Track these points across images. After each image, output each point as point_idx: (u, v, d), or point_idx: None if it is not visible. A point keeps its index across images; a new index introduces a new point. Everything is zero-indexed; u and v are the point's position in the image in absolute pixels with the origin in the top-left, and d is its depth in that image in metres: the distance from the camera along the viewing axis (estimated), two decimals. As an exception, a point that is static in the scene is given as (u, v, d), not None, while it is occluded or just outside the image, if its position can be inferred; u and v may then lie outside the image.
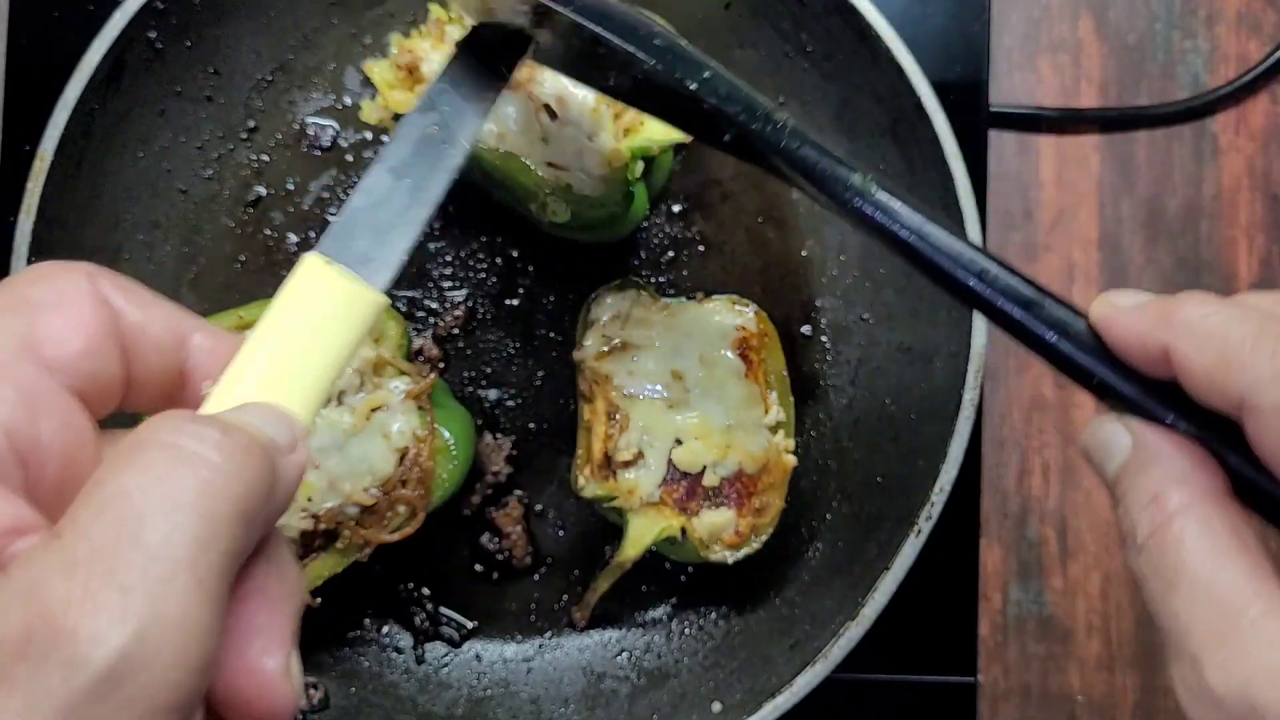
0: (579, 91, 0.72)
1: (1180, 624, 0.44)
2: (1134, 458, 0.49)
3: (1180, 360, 0.47)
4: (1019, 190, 0.89)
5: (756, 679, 0.74)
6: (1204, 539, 0.45)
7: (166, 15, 0.77)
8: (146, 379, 0.46)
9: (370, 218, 0.52)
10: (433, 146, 0.55)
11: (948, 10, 0.85)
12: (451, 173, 0.55)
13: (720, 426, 0.72)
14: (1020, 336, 0.54)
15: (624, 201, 0.72)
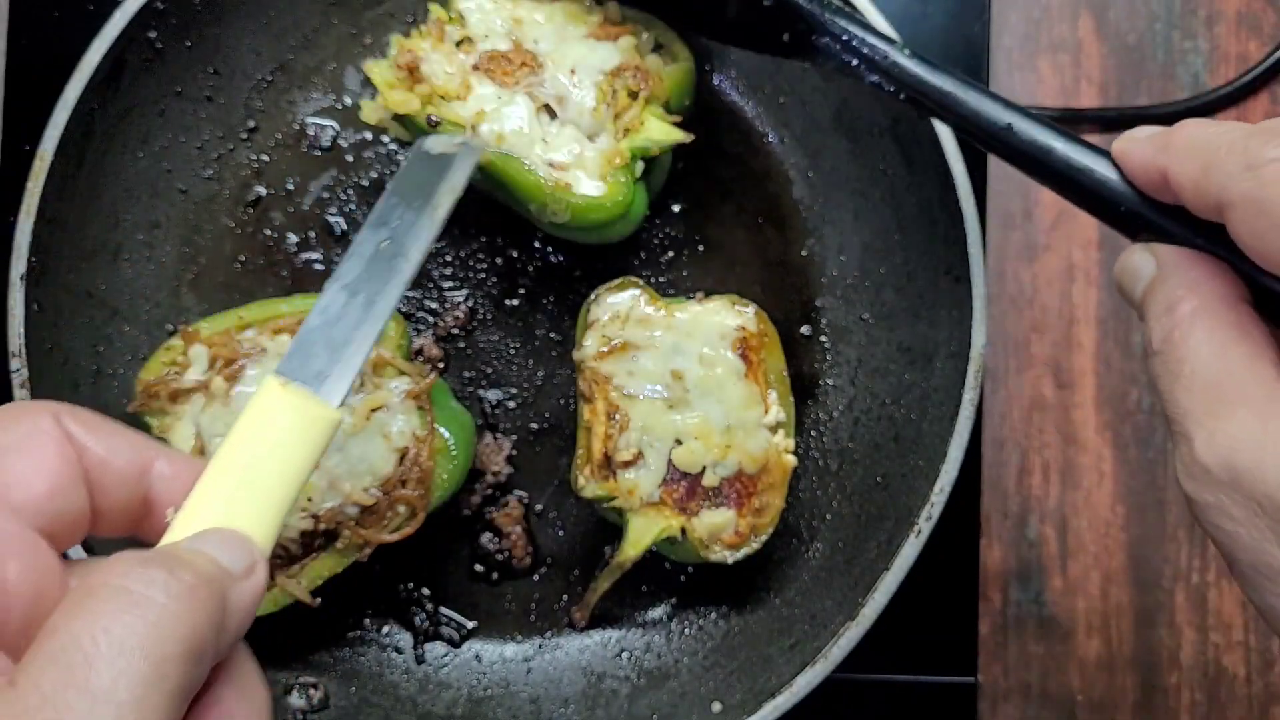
0: (579, 91, 0.72)
1: (1181, 408, 0.48)
2: (1157, 276, 0.53)
3: (1174, 178, 0.52)
4: (1019, 190, 0.89)
5: (756, 679, 0.74)
6: (1209, 333, 0.50)
7: (166, 15, 0.77)
8: (111, 509, 0.48)
9: (326, 335, 0.55)
10: (384, 262, 0.58)
11: (948, 10, 0.85)
12: (403, 285, 0.58)
13: (720, 426, 0.72)
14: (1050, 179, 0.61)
15: (624, 202, 0.72)
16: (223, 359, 0.70)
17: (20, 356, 0.72)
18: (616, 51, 0.73)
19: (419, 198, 0.61)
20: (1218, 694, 0.85)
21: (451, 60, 0.73)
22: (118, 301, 0.79)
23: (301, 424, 0.52)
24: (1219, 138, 0.50)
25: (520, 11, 0.73)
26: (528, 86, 0.72)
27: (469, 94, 0.72)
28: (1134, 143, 0.56)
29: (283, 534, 0.68)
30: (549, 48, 0.73)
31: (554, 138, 0.72)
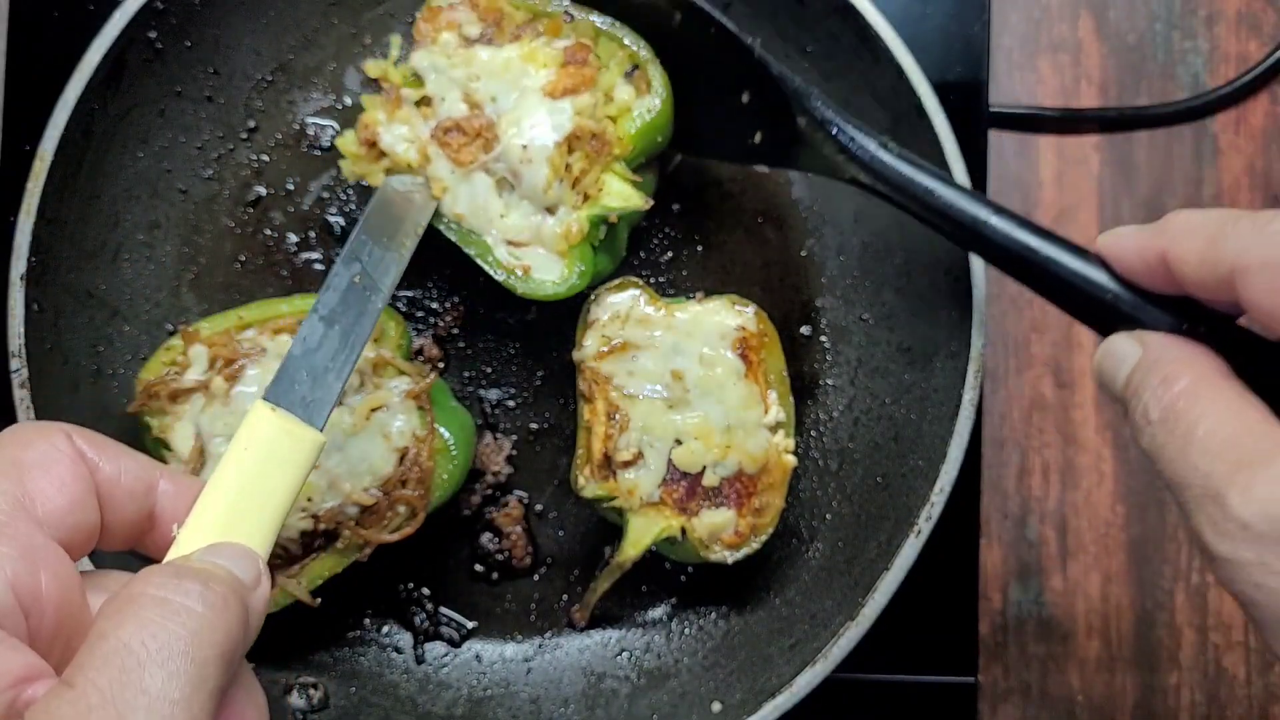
0: (532, 168, 0.70)
1: (1200, 472, 0.48)
2: (1143, 359, 0.55)
3: (1175, 254, 0.54)
4: (1019, 190, 0.89)
5: (756, 679, 0.74)
6: (1216, 398, 0.51)
7: (166, 15, 0.77)
8: (120, 523, 0.53)
9: (308, 363, 0.60)
10: (358, 294, 0.63)
11: (948, 10, 0.85)
12: (376, 316, 0.64)
13: (720, 426, 0.72)
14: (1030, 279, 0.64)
15: (580, 284, 0.71)
16: (223, 359, 0.70)
17: (20, 356, 0.72)
18: (571, 115, 0.70)
19: (386, 235, 0.67)
20: (1218, 694, 0.85)
21: (412, 125, 0.72)
22: (118, 301, 0.79)
23: (290, 445, 0.57)
24: (1221, 215, 0.53)
25: (475, 68, 0.72)
26: (483, 164, 0.71)
27: (428, 165, 0.72)
28: (1122, 234, 0.58)
29: (283, 534, 0.68)
30: (506, 105, 0.71)
31: (512, 211, 0.72)
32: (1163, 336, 0.56)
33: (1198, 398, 0.51)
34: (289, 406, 0.58)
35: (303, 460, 0.57)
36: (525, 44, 0.72)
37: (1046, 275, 0.62)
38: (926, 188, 0.67)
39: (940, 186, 0.67)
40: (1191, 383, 0.52)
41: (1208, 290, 0.54)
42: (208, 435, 0.68)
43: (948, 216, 0.66)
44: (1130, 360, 0.56)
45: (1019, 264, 0.64)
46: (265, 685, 0.75)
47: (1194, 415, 0.50)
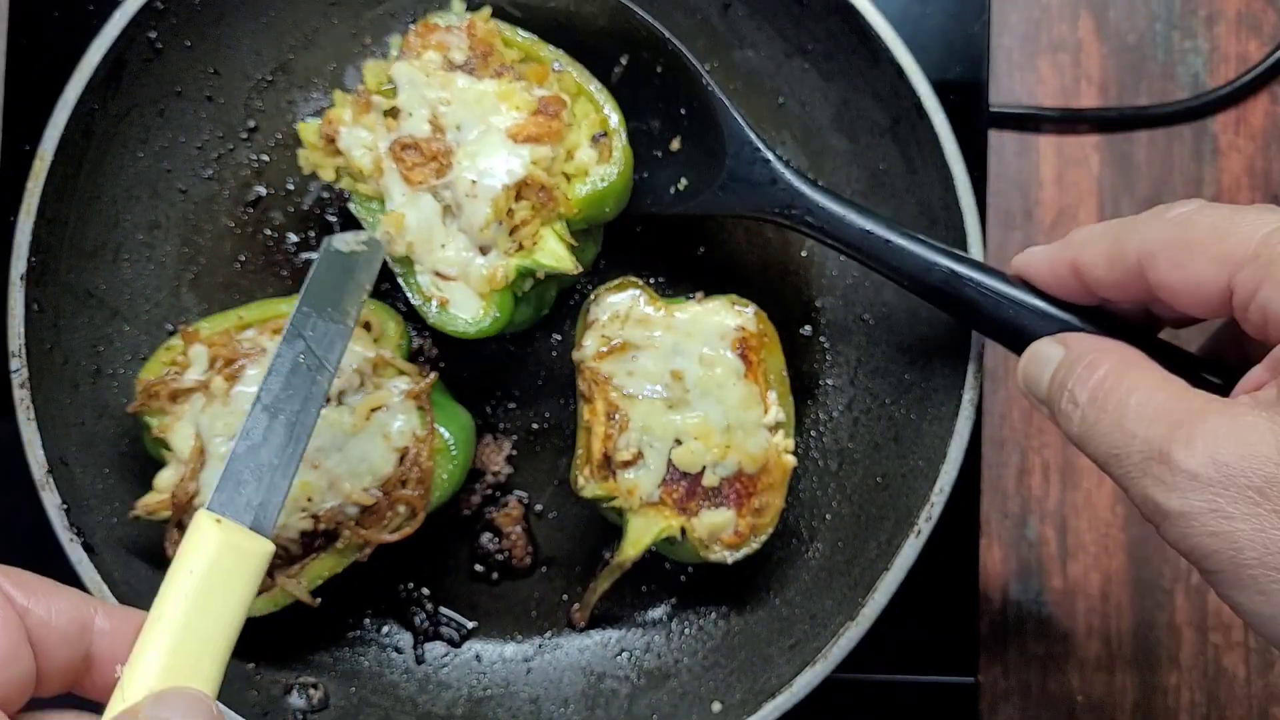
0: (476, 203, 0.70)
1: (1139, 437, 0.51)
2: (1066, 356, 0.59)
3: (1084, 260, 0.59)
4: (1019, 190, 0.89)
5: (756, 679, 0.74)
6: (1141, 374, 0.54)
7: (166, 15, 0.77)
8: (55, 670, 0.50)
9: (253, 462, 0.56)
10: (303, 377, 0.59)
11: (948, 10, 0.85)
12: (322, 398, 0.59)
13: (720, 426, 0.72)
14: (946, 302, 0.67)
15: (491, 329, 0.71)
16: (223, 359, 0.70)
17: (20, 356, 0.72)
18: (527, 163, 0.70)
19: (329, 305, 0.62)
20: (1218, 694, 0.85)
21: (373, 131, 0.72)
22: (118, 301, 0.79)
23: (238, 560, 0.53)
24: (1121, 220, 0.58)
25: (454, 88, 0.72)
26: (431, 188, 0.71)
27: (381, 177, 0.71)
28: (1033, 253, 0.63)
29: (283, 534, 0.68)
30: (469, 137, 0.71)
31: (448, 242, 0.71)
32: (1083, 335, 0.60)
33: (1124, 375, 0.54)
34: (235, 515, 0.54)
35: (252, 574, 0.54)
36: (505, 82, 0.72)
37: (967, 299, 0.66)
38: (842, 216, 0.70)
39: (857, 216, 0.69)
40: (1116, 365, 0.55)
41: (1120, 289, 0.58)
42: (208, 435, 0.68)
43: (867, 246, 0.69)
44: (1054, 360, 0.59)
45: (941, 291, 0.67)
46: (265, 685, 0.75)
47: (1123, 389, 0.53)
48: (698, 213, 0.74)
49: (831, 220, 0.70)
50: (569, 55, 0.75)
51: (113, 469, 0.76)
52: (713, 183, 0.73)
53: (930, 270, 0.67)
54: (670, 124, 0.75)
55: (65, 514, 0.72)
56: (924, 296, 0.68)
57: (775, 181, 0.71)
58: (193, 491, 0.68)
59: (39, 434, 0.72)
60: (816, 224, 0.70)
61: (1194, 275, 0.53)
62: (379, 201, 0.72)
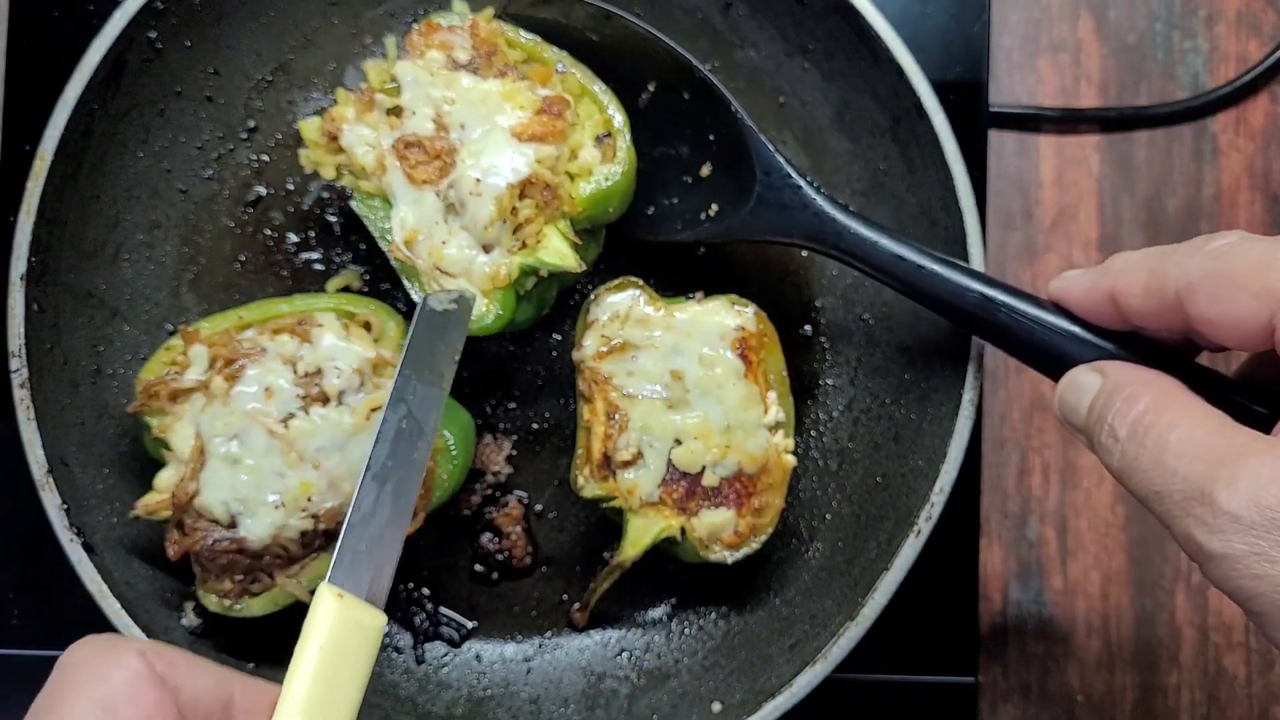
0: (480, 201, 0.70)
1: (1179, 476, 0.50)
2: (1104, 386, 0.58)
3: (1121, 290, 0.58)
4: (1019, 190, 0.89)
5: (756, 679, 0.74)
6: (1181, 408, 0.53)
7: (166, 15, 0.77)
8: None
9: (366, 532, 0.59)
10: (406, 443, 0.62)
11: (948, 10, 0.85)
12: (424, 463, 0.63)
13: (720, 426, 0.72)
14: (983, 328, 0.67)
15: (493, 326, 0.71)
16: (223, 359, 0.70)
17: (20, 356, 0.72)
18: (532, 161, 0.70)
19: (427, 368, 0.65)
20: (1218, 694, 0.85)
21: (376, 130, 0.72)
22: (118, 301, 0.79)
23: (358, 635, 0.56)
24: (1159, 249, 0.57)
25: (459, 87, 0.72)
26: (435, 187, 0.71)
27: (383, 174, 0.71)
28: (1070, 278, 0.63)
29: (282, 534, 0.68)
30: (473, 135, 0.71)
31: (451, 239, 0.71)
32: (1120, 364, 0.59)
33: (1164, 410, 0.53)
34: (354, 589, 0.57)
35: (371, 647, 0.56)
36: (509, 82, 0.72)
37: (1001, 324, 0.65)
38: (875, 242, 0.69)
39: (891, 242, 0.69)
40: (1155, 398, 0.54)
41: (1157, 319, 0.57)
42: (208, 435, 0.68)
43: (903, 273, 0.68)
44: (1092, 389, 0.58)
45: (975, 315, 0.66)
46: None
47: (1163, 425, 0.52)
48: (728, 239, 0.74)
49: (862, 246, 0.69)
50: (572, 58, 0.75)
51: (113, 469, 0.76)
52: (743, 208, 0.73)
53: (963, 295, 0.66)
54: (700, 150, 0.75)
55: (65, 514, 0.72)
56: (957, 322, 0.68)
57: (806, 207, 0.71)
58: (193, 491, 0.68)
59: (39, 434, 0.72)
60: (847, 250, 0.70)
61: (1234, 310, 0.52)
62: (381, 199, 0.72)
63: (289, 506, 0.68)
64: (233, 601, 0.70)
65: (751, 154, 0.72)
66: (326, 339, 0.71)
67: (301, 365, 0.70)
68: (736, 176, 0.73)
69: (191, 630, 0.75)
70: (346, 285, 0.81)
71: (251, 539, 0.68)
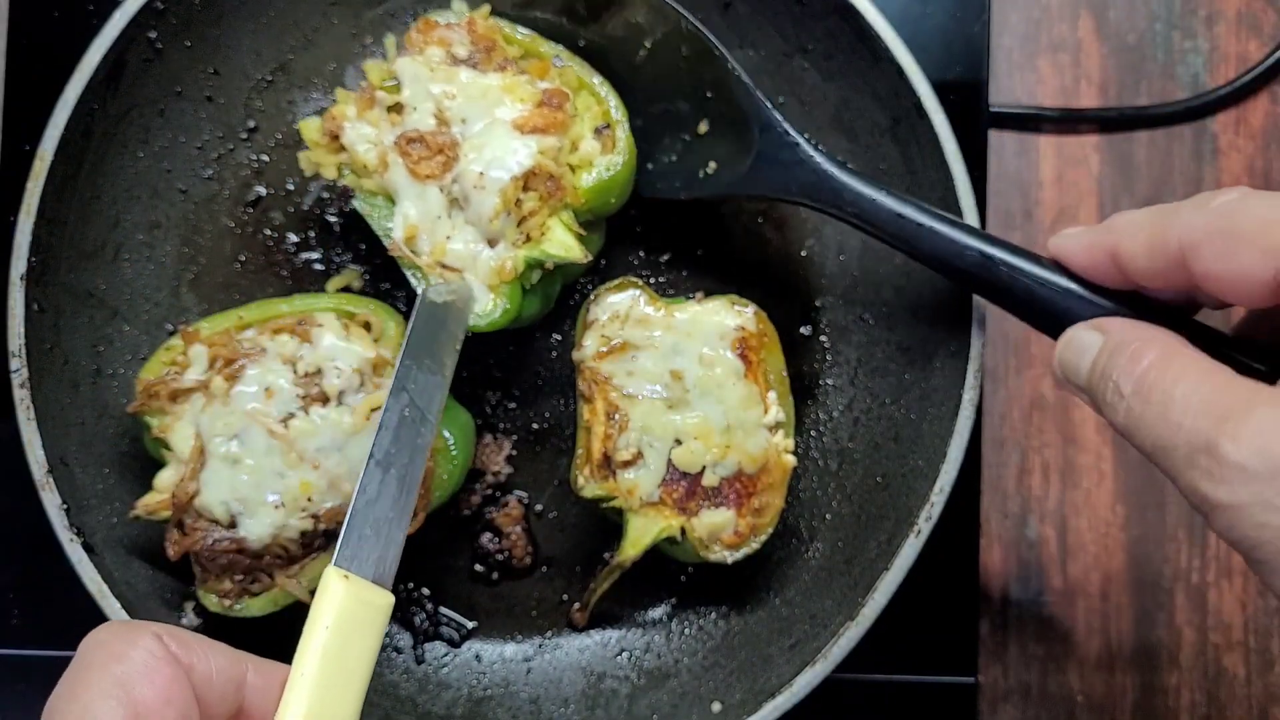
0: (484, 195, 0.70)
1: (1185, 429, 0.50)
2: (1106, 343, 0.58)
3: (1124, 249, 0.58)
4: (1019, 190, 0.89)
5: (756, 679, 0.74)
6: (1185, 363, 0.53)
7: (166, 15, 0.77)
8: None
9: (371, 516, 0.59)
10: (409, 430, 0.62)
11: (948, 10, 0.85)
12: (427, 450, 0.63)
13: (720, 426, 0.72)
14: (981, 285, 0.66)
15: (502, 320, 0.71)
16: (223, 359, 0.70)
17: (20, 356, 0.72)
18: (534, 153, 0.70)
19: (428, 357, 0.65)
20: (1218, 694, 0.85)
21: (377, 127, 0.72)
22: (118, 301, 0.79)
23: (365, 614, 0.57)
24: (1162, 207, 0.57)
25: (459, 82, 0.72)
26: (438, 182, 0.71)
27: (386, 171, 0.71)
28: (1071, 235, 0.62)
29: (282, 534, 0.68)
30: (474, 130, 0.71)
31: (455, 234, 0.71)
32: (1121, 320, 0.59)
33: (1168, 365, 0.53)
34: (360, 570, 0.57)
35: (378, 626, 0.57)
36: (508, 76, 0.72)
37: (1001, 281, 0.65)
38: (873, 199, 0.69)
39: (888, 199, 0.68)
40: (1159, 354, 0.54)
41: (1160, 278, 0.57)
42: (208, 435, 0.68)
43: (900, 228, 0.68)
44: (1093, 348, 0.58)
45: (973, 272, 0.66)
46: (265, 685, 0.75)
47: (1168, 380, 0.52)
48: (726, 196, 0.74)
49: (862, 203, 0.69)
50: (570, 52, 0.76)
51: (113, 469, 0.76)
52: (741, 166, 0.72)
53: (963, 254, 0.66)
54: (697, 107, 0.75)
55: (65, 514, 0.72)
56: (957, 280, 0.68)
57: (804, 164, 0.71)
58: (193, 491, 0.68)
59: (39, 434, 0.72)
60: (848, 208, 0.69)
61: (1241, 267, 0.52)
62: (384, 197, 0.72)
63: (289, 506, 0.68)
64: (233, 601, 0.70)
65: (748, 112, 0.72)
66: (326, 339, 0.71)
67: (301, 365, 0.70)
68: (735, 134, 0.73)
69: (191, 630, 0.74)
70: (346, 285, 0.81)
71: (251, 539, 0.68)
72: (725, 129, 0.74)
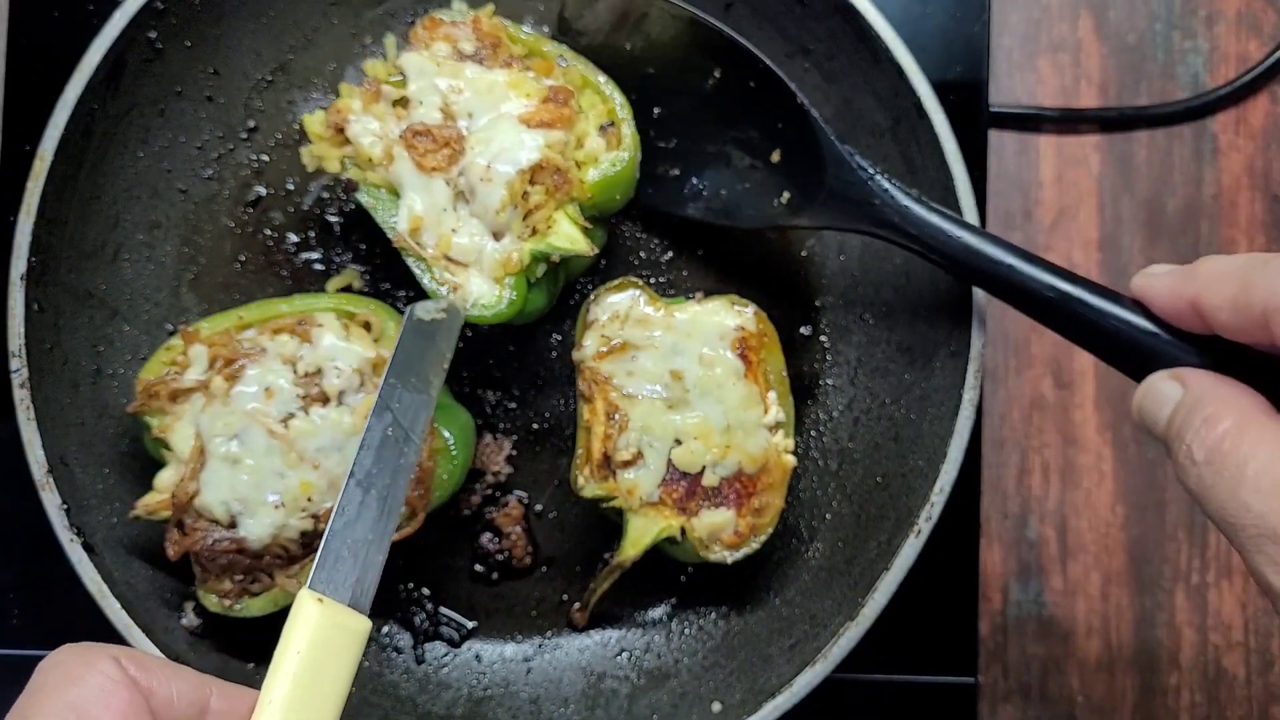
0: (490, 188, 0.70)
1: (1254, 512, 0.49)
2: (1184, 399, 0.56)
3: (1207, 301, 0.56)
4: (1019, 190, 0.89)
5: (756, 679, 0.74)
6: (1260, 436, 0.51)
7: (166, 15, 0.77)
8: None
9: (349, 538, 0.57)
10: (391, 449, 0.61)
11: (948, 10, 0.85)
12: (411, 470, 0.61)
13: (720, 426, 0.72)
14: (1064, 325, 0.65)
15: (508, 312, 0.70)
16: (223, 359, 0.70)
17: (20, 356, 0.72)
18: (541, 146, 0.70)
19: (414, 375, 0.64)
20: (1218, 694, 0.85)
21: (383, 121, 0.72)
22: (118, 301, 0.79)
23: (340, 639, 0.54)
24: (1250, 259, 0.54)
25: (464, 78, 0.72)
26: (445, 174, 0.71)
27: (391, 164, 0.71)
28: (1155, 277, 0.59)
29: (282, 534, 0.68)
30: (480, 124, 0.71)
31: (460, 227, 0.71)
32: (1202, 374, 0.57)
33: (1243, 437, 0.52)
34: (335, 594, 0.55)
35: (354, 651, 0.55)
36: (514, 72, 0.72)
37: (1081, 319, 0.63)
38: (953, 235, 0.68)
39: (969, 235, 0.67)
40: (1235, 422, 0.52)
41: (1243, 334, 0.55)
42: (208, 435, 0.68)
43: (978, 265, 0.67)
44: (1171, 400, 0.57)
45: (1052, 309, 0.64)
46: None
47: (1241, 455, 0.51)
48: (801, 228, 0.74)
49: (939, 237, 0.68)
50: (573, 52, 0.76)
51: (113, 469, 0.76)
52: (815, 198, 0.72)
53: (1045, 291, 0.64)
54: (769, 136, 0.74)
55: (65, 514, 0.72)
56: (1036, 317, 0.66)
57: (877, 199, 0.70)
58: (193, 491, 0.68)
59: (39, 434, 0.72)
60: (924, 242, 0.69)
61: None
62: (388, 190, 0.72)
63: (289, 506, 0.68)
64: (233, 601, 0.70)
65: (820, 145, 0.71)
66: (326, 339, 0.71)
67: (301, 365, 0.70)
68: (807, 164, 0.72)
69: (191, 630, 0.75)
70: (346, 285, 0.81)
71: (251, 539, 0.68)
72: (798, 159, 0.73)
